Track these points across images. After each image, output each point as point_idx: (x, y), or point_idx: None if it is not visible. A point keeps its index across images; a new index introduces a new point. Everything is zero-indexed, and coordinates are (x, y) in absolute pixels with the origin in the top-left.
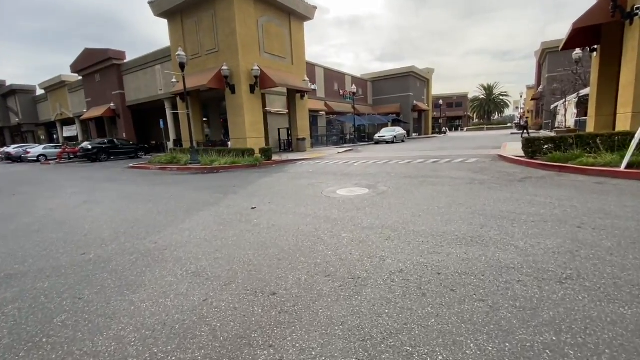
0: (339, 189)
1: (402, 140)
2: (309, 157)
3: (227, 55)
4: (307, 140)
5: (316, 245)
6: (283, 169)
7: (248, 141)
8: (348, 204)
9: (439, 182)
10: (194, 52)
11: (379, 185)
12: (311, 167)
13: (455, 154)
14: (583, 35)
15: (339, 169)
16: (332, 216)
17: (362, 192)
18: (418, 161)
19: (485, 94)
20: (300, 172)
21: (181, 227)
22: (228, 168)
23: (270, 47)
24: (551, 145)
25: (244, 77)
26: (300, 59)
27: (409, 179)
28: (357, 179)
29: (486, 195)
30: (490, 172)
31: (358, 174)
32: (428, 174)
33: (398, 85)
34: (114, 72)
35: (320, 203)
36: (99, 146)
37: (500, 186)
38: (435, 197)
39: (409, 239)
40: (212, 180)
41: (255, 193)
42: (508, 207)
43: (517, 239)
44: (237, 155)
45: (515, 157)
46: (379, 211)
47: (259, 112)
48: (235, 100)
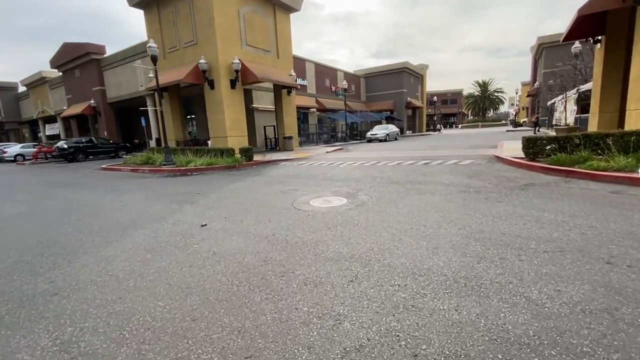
0: (314, 198)
1: (395, 138)
2: (295, 157)
3: (205, 47)
4: (295, 139)
5: (254, 291)
6: (261, 172)
7: (229, 140)
8: (318, 221)
9: (429, 190)
10: (171, 45)
11: (360, 193)
12: (293, 169)
13: (449, 154)
14: (586, 24)
15: (322, 171)
16: (293, 239)
17: (338, 202)
18: (408, 162)
19: (480, 91)
20: (278, 175)
21: (101, 255)
22: (203, 170)
23: (253, 40)
24: (555, 145)
25: (224, 72)
26: (286, 53)
27: (395, 186)
28: (338, 184)
29: (483, 209)
30: (487, 177)
31: (341, 179)
32: (417, 179)
33: (391, 81)
34: (94, 68)
35: (286, 218)
36: (76, 145)
37: (499, 196)
38: (422, 210)
39: (381, 279)
40: (179, 185)
41: (217, 203)
42: (511, 228)
43: (528, 283)
44: (215, 156)
45: (514, 159)
46: (352, 232)
47: (240, 108)
48: (215, 96)
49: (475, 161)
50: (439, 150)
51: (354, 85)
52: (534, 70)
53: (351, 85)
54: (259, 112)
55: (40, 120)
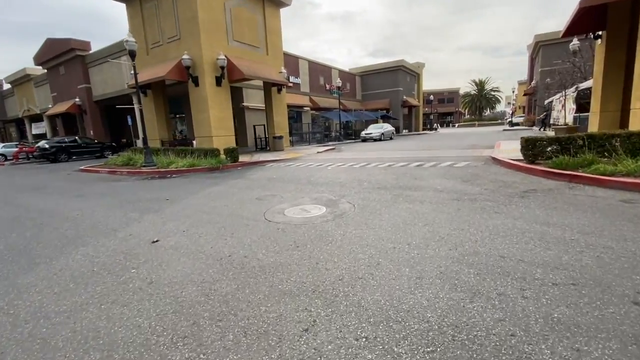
0: (290, 206)
1: (391, 137)
2: (283, 157)
3: (189, 43)
4: (286, 139)
5: (176, 345)
6: (244, 174)
7: (214, 140)
8: (288, 236)
9: (419, 198)
10: (154, 40)
11: (342, 201)
12: (278, 171)
13: (444, 154)
14: (587, 19)
15: (308, 174)
16: (250, 262)
17: (316, 212)
18: (400, 164)
19: (477, 90)
20: (260, 178)
21: (17, 282)
22: (184, 172)
23: (240, 35)
24: (556, 147)
25: (208, 68)
26: (276, 49)
27: (382, 192)
28: (321, 189)
29: (478, 222)
30: (483, 182)
31: (325, 182)
32: (407, 184)
33: (387, 79)
34: (79, 64)
35: (252, 233)
36: (58, 145)
37: (496, 205)
38: (409, 224)
39: (345, 328)
40: (151, 190)
41: (183, 212)
42: (511, 249)
43: (536, 337)
44: (199, 157)
45: (513, 161)
46: (324, 252)
47: (227, 106)
48: (199, 93)
49: (471, 163)
50: (434, 151)
51: (349, 84)
52: (530, 69)
53: (346, 83)
54: (249, 110)
55: (27, 119)
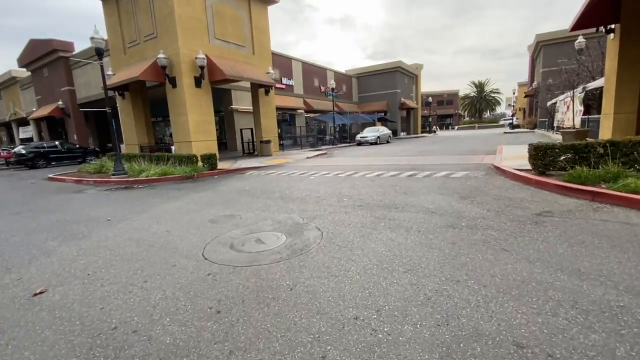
0: (244, 234)
1: (387, 140)
2: (268, 164)
3: (165, 41)
4: (274, 143)
5: None
6: (216, 185)
7: (193, 145)
8: (215, 289)
9: (405, 223)
10: (131, 39)
11: (310, 226)
12: (256, 180)
13: (440, 161)
14: (598, 11)
15: (286, 185)
16: (137, 344)
17: (272, 244)
18: (390, 173)
19: (477, 91)
20: (231, 190)
21: None
22: (155, 181)
23: (223, 33)
24: (571, 155)
25: (187, 68)
26: (263, 48)
27: (362, 212)
28: (291, 207)
29: (480, 269)
30: (485, 199)
31: (300, 197)
32: (394, 201)
33: (385, 81)
34: (62, 66)
35: (172, 281)
36: (36, 151)
37: (504, 236)
38: (386, 268)
39: None
40: (102, 205)
41: (111, 240)
42: (532, 327)
43: None
44: (175, 163)
45: (519, 172)
46: (250, 325)
47: (208, 109)
48: (177, 95)
49: (470, 173)
50: (431, 157)
51: (345, 86)
52: (531, 70)
53: (342, 85)
54: (239, 113)
55: (14, 122)
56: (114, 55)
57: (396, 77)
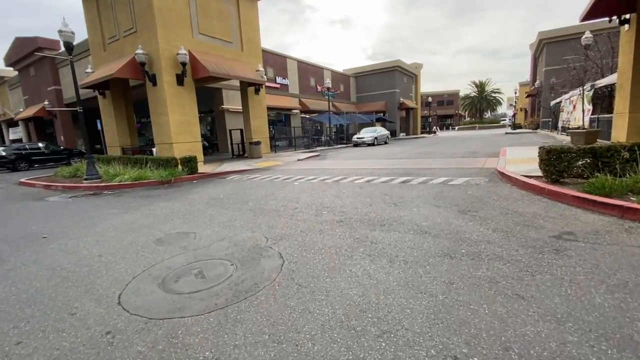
0: (189, 262)
1: (385, 141)
2: (255, 167)
3: (145, 36)
4: (265, 144)
5: None
6: (189, 191)
7: (175, 147)
8: None
9: (389, 248)
10: (111, 34)
11: (272, 251)
12: (234, 187)
13: (439, 165)
14: None
15: (265, 192)
16: None
17: (215, 281)
18: (382, 179)
19: (477, 91)
20: (201, 198)
21: None
22: (128, 186)
23: (209, 28)
24: (590, 160)
25: (167, 64)
26: (252, 45)
27: (341, 231)
28: (260, 222)
29: (487, 327)
30: (490, 214)
31: (275, 209)
32: (381, 215)
33: (383, 81)
34: (48, 65)
35: (53, 343)
36: (18, 153)
37: (517, 273)
38: (355, 327)
39: None
40: (57, 216)
41: (24, 268)
42: None
43: None
44: (153, 167)
45: (528, 179)
46: None
47: (191, 109)
48: (157, 94)
49: (471, 179)
50: (428, 160)
51: (343, 85)
52: (533, 69)
53: (340, 85)
54: (230, 113)
55: (3, 123)
56: (94, 52)
57: (395, 76)
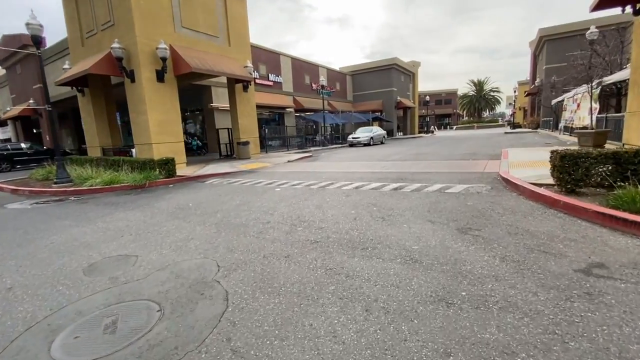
0: (113, 302)
1: (381, 141)
2: (240, 169)
3: (122, 29)
4: (255, 144)
5: None
6: (161, 198)
7: (154, 148)
8: None
9: (369, 285)
10: (89, 29)
11: (219, 288)
12: (208, 193)
13: (435, 168)
14: None
15: (241, 200)
16: None
17: (125, 340)
18: (373, 185)
19: (476, 90)
20: (170, 207)
21: None
22: (98, 191)
23: (192, 21)
24: (612, 166)
25: (146, 60)
26: (241, 40)
27: (313, 256)
28: (220, 240)
29: None
30: (496, 235)
31: (242, 224)
32: (364, 235)
33: (380, 79)
34: (33, 63)
35: None
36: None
37: (540, 336)
38: None
39: None
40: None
41: None
42: None
43: None
44: (129, 169)
45: (537, 189)
46: None
47: (172, 107)
48: (136, 91)
49: (471, 187)
50: (425, 162)
51: (339, 84)
52: (533, 67)
53: (336, 83)
54: (220, 112)
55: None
56: (73, 47)
57: (392, 74)
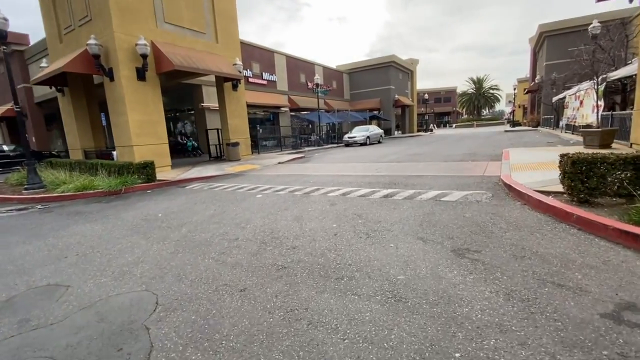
0: None
1: (379, 140)
2: (228, 171)
3: (99, 24)
4: (246, 145)
5: None
6: (134, 205)
7: (136, 150)
8: None
9: (334, 336)
10: (66, 24)
11: (148, 335)
12: (186, 200)
13: (431, 171)
14: None
15: (215, 210)
16: None
17: None
18: (361, 192)
19: (475, 88)
20: (136, 218)
21: None
22: (70, 197)
23: (176, 16)
24: (630, 173)
25: (125, 57)
26: (229, 36)
27: (276, 288)
28: (173, 264)
29: None
30: (498, 259)
31: (205, 241)
32: (343, 258)
33: (378, 77)
34: (17, 61)
35: None
36: None
37: None
38: None
39: None
40: None
41: None
42: None
43: None
44: (106, 173)
45: (545, 198)
46: None
47: (155, 107)
48: (115, 90)
49: (470, 194)
50: (421, 164)
51: (335, 82)
52: (533, 64)
53: (332, 81)
54: (211, 112)
55: None
56: (51, 44)
57: (390, 72)
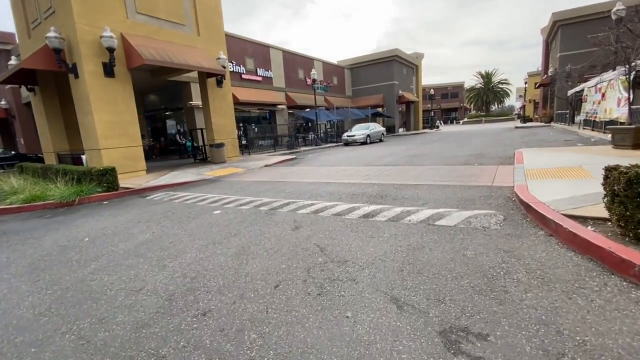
0: None
1: (380, 139)
2: (204, 176)
3: (62, 16)
4: (233, 146)
5: None
6: (73, 223)
7: (104, 154)
8: None
9: None
10: (33, 18)
11: None
12: (130, 217)
13: (429, 179)
14: None
15: (153, 233)
16: None
17: None
18: (340, 208)
19: (483, 83)
20: (54, 245)
21: None
22: (15, 210)
23: (150, 6)
24: None
25: (89, 51)
26: (213, 29)
27: None
28: (18, 348)
29: None
30: (521, 352)
31: (97, 297)
32: (267, 343)
33: (380, 72)
34: (3, 61)
35: None
36: None
37: None
38: None
39: None
40: None
41: None
42: None
43: None
44: (63, 181)
45: (581, 228)
46: None
47: (127, 106)
48: (79, 87)
49: (474, 215)
50: (419, 168)
51: (336, 78)
52: (545, 56)
53: (333, 77)
54: (200, 110)
55: None
56: (20, 40)
57: (393, 67)
